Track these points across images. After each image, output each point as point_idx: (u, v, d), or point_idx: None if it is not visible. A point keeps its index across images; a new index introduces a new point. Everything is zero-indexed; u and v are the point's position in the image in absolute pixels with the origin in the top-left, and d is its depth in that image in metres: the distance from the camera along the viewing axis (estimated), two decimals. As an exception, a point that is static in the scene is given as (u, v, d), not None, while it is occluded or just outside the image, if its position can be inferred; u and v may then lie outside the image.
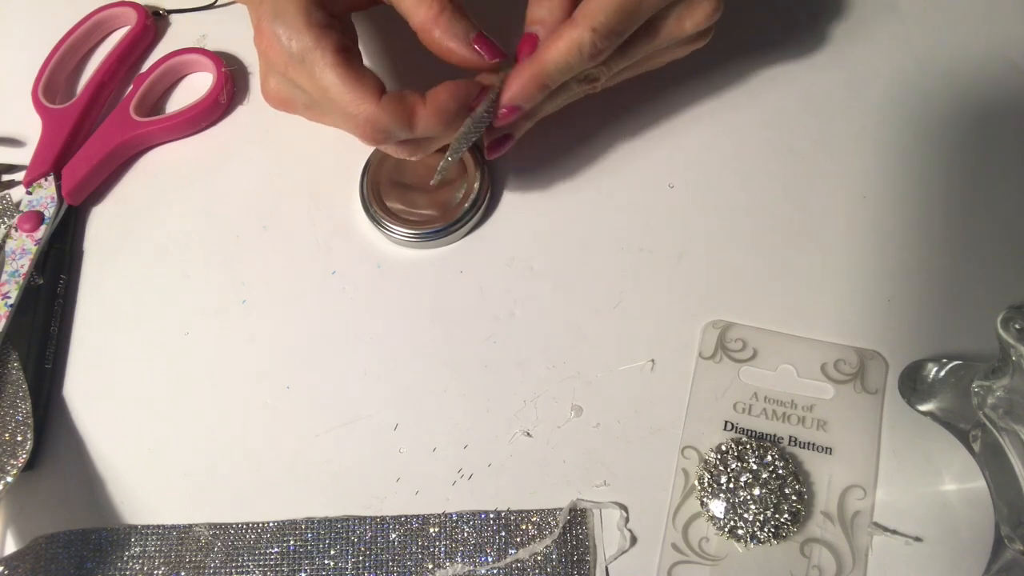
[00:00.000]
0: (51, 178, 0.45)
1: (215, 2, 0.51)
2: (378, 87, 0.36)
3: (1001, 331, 0.31)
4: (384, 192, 0.43)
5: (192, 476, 0.40)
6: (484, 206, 0.43)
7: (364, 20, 0.47)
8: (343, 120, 0.36)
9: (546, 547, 0.37)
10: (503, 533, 0.38)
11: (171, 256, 0.44)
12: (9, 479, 0.39)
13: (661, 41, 0.38)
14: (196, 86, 0.48)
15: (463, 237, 0.43)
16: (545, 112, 0.40)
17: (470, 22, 0.36)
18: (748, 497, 0.37)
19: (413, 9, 0.36)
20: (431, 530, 0.38)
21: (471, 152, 0.43)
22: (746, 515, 0.36)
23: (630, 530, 0.37)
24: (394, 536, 0.38)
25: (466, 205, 0.42)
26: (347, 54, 0.36)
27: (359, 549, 0.38)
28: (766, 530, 0.36)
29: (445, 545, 0.38)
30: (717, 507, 0.37)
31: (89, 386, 0.42)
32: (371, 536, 0.38)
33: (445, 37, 0.36)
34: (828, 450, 0.38)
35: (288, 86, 0.38)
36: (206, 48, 0.49)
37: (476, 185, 0.43)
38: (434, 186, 0.40)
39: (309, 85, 0.36)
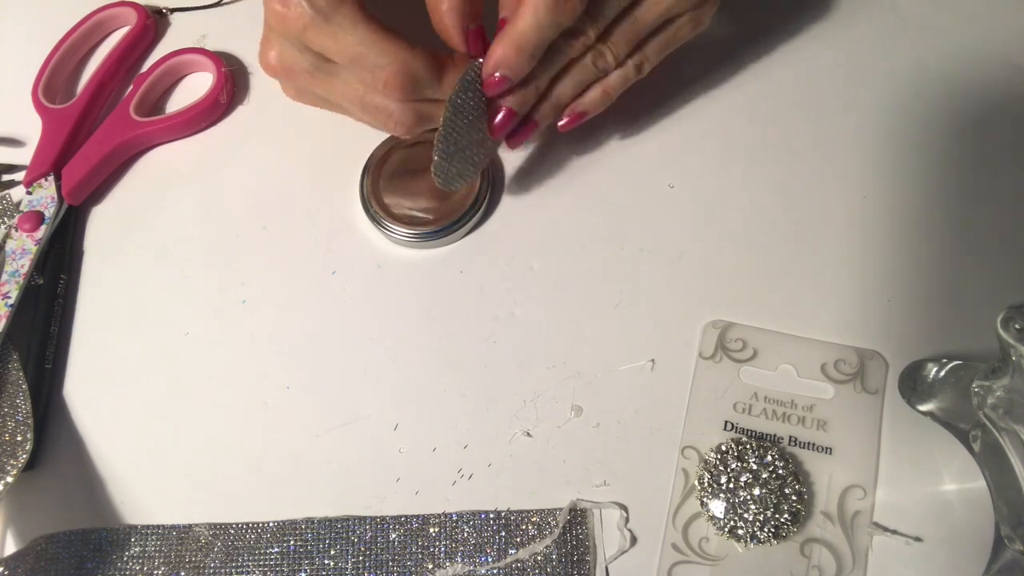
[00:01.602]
0: (51, 178, 0.45)
1: (220, 0, 0.51)
2: (407, 39, 0.36)
3: (1001, 331, 0.31)
4: (384, 192, 0.43)
5: (192, 476, 0.40)
6: (484, 206, 0.43)
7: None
8: (369, 74, 0.36)
9: (546, 547, 0.37)
10: (503, 533, 0.38)
11: (171, 256, 0.44)
12: (9, 479, 0.39)
13: None
14: (196, 86, 0.48)
15: (463, 237, 0.43)
16: (563, 96, 0.40)
17: (475, 13, 0.37)
18: (748, 497, 0.37)
19: None
20: (431, 530, 0.38)
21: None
22: (746, 515, 0.36)
23: (630, 530, 0.37)
24: (394, 536, 0.38)
25: (468, 201, 0.42)
26: (373, 13, 0.36)
27: (359, 549, 0.38)
28: (766, 530, 0.36)
29: (445, 545, 0.38)
30: (717, 507, 0.37)
31: (89, 386, 0.42)
32: (371, 536, 0.38)
33: (447, 16, 0.36)
34: (828, 450, 0.38)
35: (294, 52, 0.37)
36: (206, 48, 0.49)
37: (476, 184, 0.43)
38: (443, 190, 0.40)
39: (332, 45, 0.36)
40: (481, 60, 0.37)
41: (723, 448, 0.38)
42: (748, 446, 0.38)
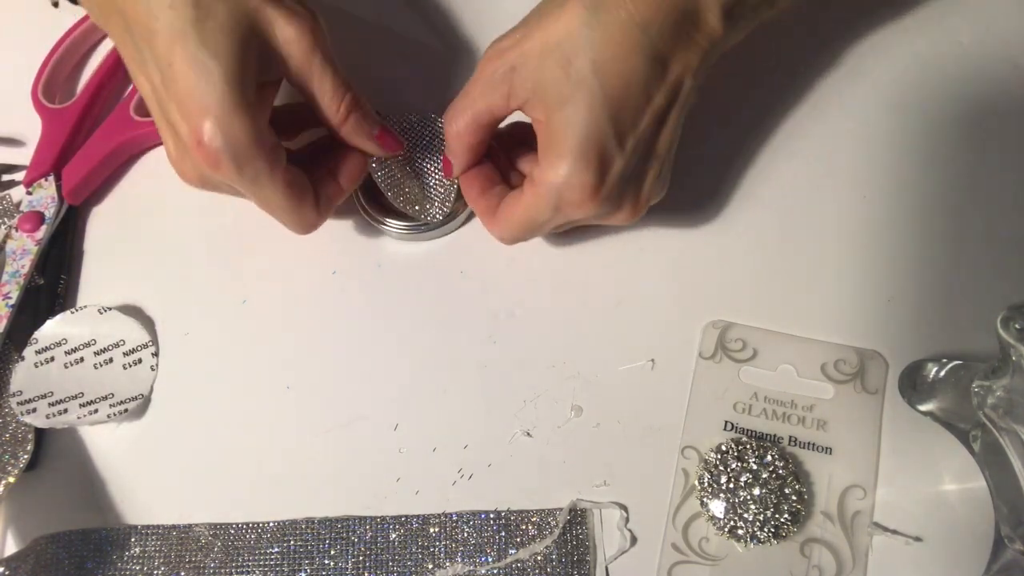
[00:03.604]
0: (51, 178, 0.45)
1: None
2: (314, 193, 0.38)
3: (1001, 331, 0.31)
4: (376, 186, 0.43)
5: (192, 476, 0.40)
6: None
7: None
8: (278, 216, 0.39)
9: (546, 547, 0.37)
10: (503, 533, 0.38)
11: (171, 256, 0.44)
12: (10, 479, 0.39)
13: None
14: (196, 86, 0.48)
15: (459, 227, 0.43)
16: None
17: (373, 121, 0.39)
18: (748, 497, 0.37)
19: (326, 107, 0.37)
20: (431, 530, 0.38)
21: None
22: (746, 515, 0.36)
23: (630, 530, 0.37)
24: (394, 536, 0.38)
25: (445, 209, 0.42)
26: (292, 172, 0.37)
27: (359, 549, 0.38)
28: (766, 530, 0.36)
29: (445, 545, 0.38)
30: (717, 507, 0.37)
31: (89, 386, 0.42)
32: (371, 536, 0.38)
33: (353, 134, 0.38)
34: (828, 450, 0.38)
35: (214, 179, 0.37)
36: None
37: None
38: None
39: (250, 191, 0.37)
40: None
41: (723, 448, 0.38)
42: (748, 446, 0.38)
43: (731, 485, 0.37)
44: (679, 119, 0.37)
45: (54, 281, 0.44)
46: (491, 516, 0.38)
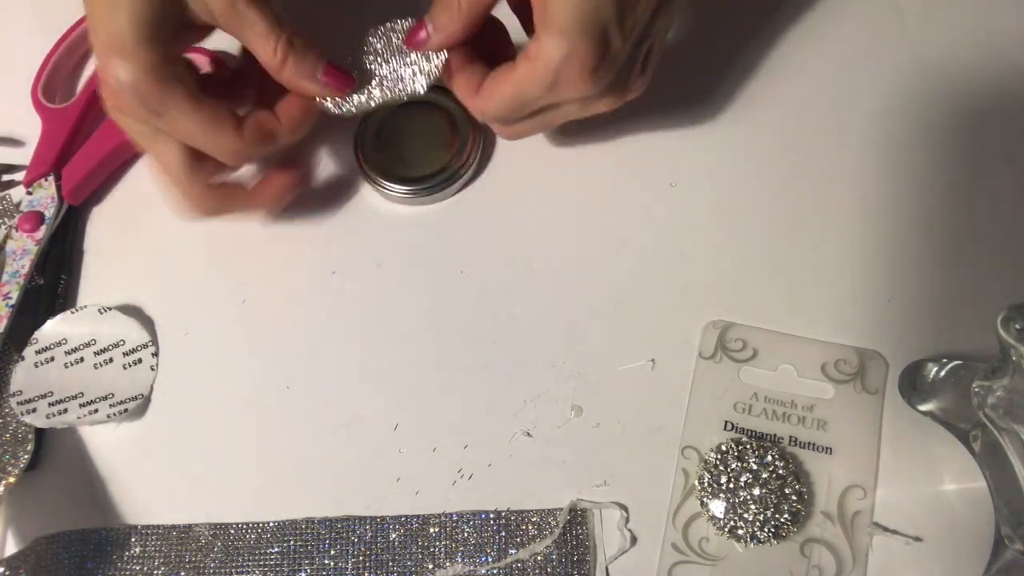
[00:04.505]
0: (51, 178, 0.45)
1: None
2: (233, 117, 0.37)
3: (1001, 331, 0.31)
4: (377, 150, 0.44)
5: (192, 476, 0.40)
6: (476, 162, 0.44)
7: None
8: (203, 146, 0.37)
9: (546, 547, 0.37)
10: (503, 533, 0.38)
11: (171, 256, 0.44)
12: (10, 479, 0.39)
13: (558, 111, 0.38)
14: (196, 86, 0.48)
15: (457, 193, 0.44)
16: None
17: (316, 56, 0.37)
18: (748, 497, 0.37)
19: (260, 52, 0.36)
20: (431, 530, 0.38)
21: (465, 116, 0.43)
22: (746, 515, 0.36)
23: (630, 530, 0.37)
24: (394, 536, 0.38)
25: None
26: (199, 95, 0.36)
27: (359, 549, 0.38)
28: (766, 530, 0.36)
29: (445, 545, 0.38)
30: (717, 507, 0.37)
31: (89, 386, 0.42)
32: (371, 536, 0.38)
33: (294, 78, 0.37)
34: (828, 450, 0.38)
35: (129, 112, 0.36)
36: (205, 47, 0.49)
37: (466, 140, 0.44)
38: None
39: (163, 121, 0.36)
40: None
41: (723, 448, 0.38)
42: (748, 446, 0.38)
43: (731, 485, 0.37)
44: (672, 10, 0.37)
45: (54, 281, 0.44)
46: (491, 516, 0.38)
